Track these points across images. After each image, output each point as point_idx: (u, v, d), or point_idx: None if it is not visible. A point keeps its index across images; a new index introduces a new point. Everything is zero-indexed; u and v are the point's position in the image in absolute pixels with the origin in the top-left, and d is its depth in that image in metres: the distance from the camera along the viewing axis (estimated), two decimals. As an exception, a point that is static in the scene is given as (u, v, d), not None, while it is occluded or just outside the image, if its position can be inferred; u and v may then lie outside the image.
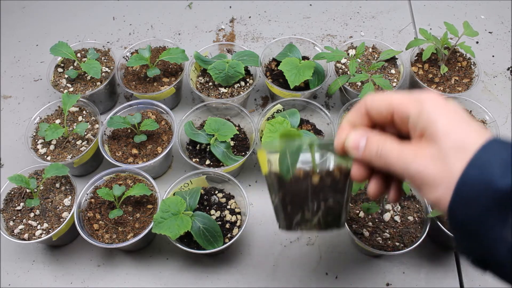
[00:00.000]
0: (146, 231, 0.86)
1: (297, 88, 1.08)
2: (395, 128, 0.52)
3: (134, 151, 1.01)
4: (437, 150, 0.45)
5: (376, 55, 1.17)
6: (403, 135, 0.50)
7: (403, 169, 0.47)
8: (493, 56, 1.28)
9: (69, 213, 0.91)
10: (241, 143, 1.03)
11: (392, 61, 1.15)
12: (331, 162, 0.57)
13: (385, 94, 0.52)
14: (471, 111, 1.06)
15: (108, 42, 1.36)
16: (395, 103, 0.50)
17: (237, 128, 1.04)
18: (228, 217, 0.91)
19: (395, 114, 0.51)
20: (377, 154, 0.50)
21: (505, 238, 0.41)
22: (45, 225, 0.90)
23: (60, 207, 0.93)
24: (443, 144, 0.44)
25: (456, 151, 0.43)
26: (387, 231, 0.87)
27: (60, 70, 1.17)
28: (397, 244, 0.85)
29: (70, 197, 0.94)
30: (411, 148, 0.47)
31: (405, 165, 0.46)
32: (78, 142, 1.03)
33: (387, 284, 0.90)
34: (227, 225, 0.90)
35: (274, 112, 1.05)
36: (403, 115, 0.49)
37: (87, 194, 0.94)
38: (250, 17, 1.42)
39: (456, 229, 0.46)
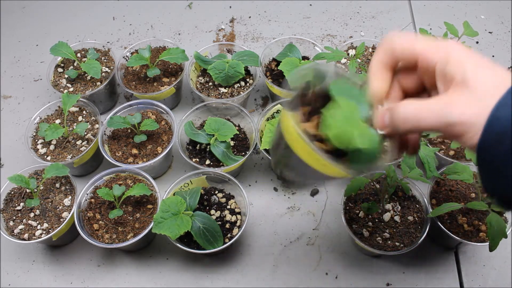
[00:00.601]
0: (146, 231, 0.86)
1: (297, 88, 1.08)
2: (418, 76, 0.51)
3: (134, 151, 1.01)
4: (473, 94, 0.44)
5: (376, 55, 1.17)
6: (424, 86, 0.50)
7: (438, 122, 0.45)
8: (493, 56, 1.28)
9: (69, 213, 0.91)
10: (241, 143, 1.03)
11: (392, 61, 1.15)
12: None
13: (408, 38, 0.49)
14: (471, 111, 1.06)
15: (108, 42, 1.36)
16: (419, 50, 0.48)
17: (237, 128, 1.04)
18: (228, 217, 0.91)
19: (420, 61, 0.49)
20: (394, 120, 0.47)
21: None
22: (45, 225, 0.90)
23: (60, 207, 0.93)
24: (477, 87, 0.44)
25: (490, 92, 0.43)
26: (387, 231, 0.87)
27: (60, 70, 1.17)
28: (397, 244, 0.85)
29: (70, 197, 0.94)
30: (443, 98, 0.46)
31: (441, 117, 0.45)
32: (78, 142, 1.03)
33: (387, 284, 0.90)
34: (227, 225, 0.90)
35: (274, 112, 1.05)
36: (428, 63, 0.48)
37: (87, 194, 0.94)
38: (250, 17, 1.42)
39: (484, 166, 0.44)
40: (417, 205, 0.90)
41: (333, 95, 0.55)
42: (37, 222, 0.91)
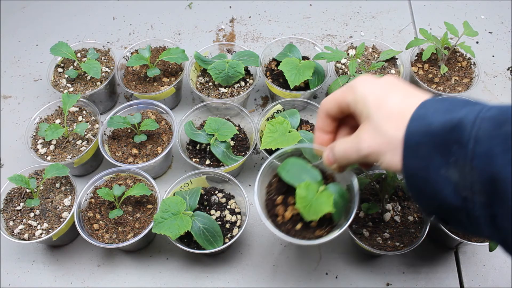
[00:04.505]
0: (146, 231, 0.86)
1: (297, 88, 1.08)
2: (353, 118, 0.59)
3: (134, 151, 1.01)
4: (373, 126, 0.52)
5: (376, 55, 1.17)
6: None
7: (358, 156, 0.54)
8: (493, 56, 1.28)
9: (69, 213, 0.91)
10: (241, 143, 1.03)
11: (392, 61, 1.15)
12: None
13: (332, 93, 0.59)
14: (471, 111, 1.06)
15: (108, 42, 1.36)
16: (337, 97, 0.58)
17: (237, 128, 1.04)
18: (228, 217, 0.91)
19: (339, 107, 0.58)
20: (335, 158, 0.58)
21: (449, 177, 0.45)
22: (45, 225, 0.90)
23: (60, 207, 0.93)
24: (375, 119, 0.51)
25: (386, 120, 0.50)
26: (387, 231, 0.87)
27: (60, 70, 1.17)
28: (397, 244, 0.85)
29: (70, 197, 0.94)
30: (355, 136, 0.54)
31: (357, 152, 0.53)
32: (78, 142, 1.03)
33: (387, 284, 0.90)
34: (227, 225, 0.90)
35: (274, 112, 1.05)
36: (344, 106, 0.57)
37: (87, 194, 0.94)
38: (250, 17, 1.42)
39: (411, 185, 0.49)
40: (417, 205, 0.90)
41: (284, 180, 0.71)
42: (37, 222, 0.91)
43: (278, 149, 0.91)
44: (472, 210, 0.43)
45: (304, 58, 1.17)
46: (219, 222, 0.90)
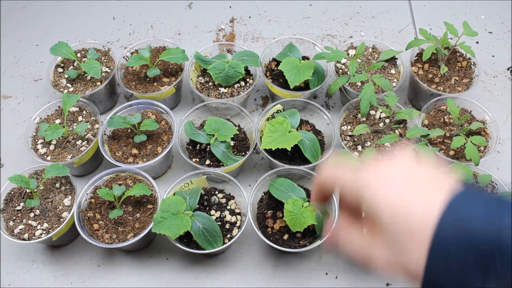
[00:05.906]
0: (146, 231, 0.86)
1: (297, 88, 1.08)
2: None
3: (134, 151, 1.01)
4: (388, 243, 0.43)
5: (376, 55, 1.17)
6: None
7: (366, 259, 0.46)
8: (493, 56, 1.28)
9: (69, 213, 0.91)
10: (241, 143, 1.03)
11: (392, 61, 1.15)
12: None
13: (331, 173, 0.49)
14: (471, 111, 1.06)
15: (108, 42, 1.36)
16: (340, 184, 0.48)
17: (237, 128, 1.03)
18: (228, 217, 0.91)
19: (341, 198, 0.50)
20: (337, 250, 0.49)
21: None
22: (45, 225, 0.90)
23: (60, 207, 0.93)
24: (391, 234, 0.42)
25: (404, 238, 0.41)
26: (387, 231, 0.86)
27: (60, 70, 1.17)
28: (397, 244, 0.85)
29: (70, 197, 0.94)
30: (367, 240, 0.47)
31: (366, 266, 0.46)
32: (78, 142, 1.03)
33: (387, 284, 0.90)
34: (227, 226, 0.90)
35: (274, 112, 1.05)
36: (347, 202, 0.49)
37: (87, 194, 0.94)
38: (250, 17, 1.42)
39: None
40: None
41: (274, 196, 0.90)
42: (37, 222, 0.91)
43: (278, 149, 0.92)
44: None
45: (304, 58, 1.17)
46: (219, 223, 0.90)
